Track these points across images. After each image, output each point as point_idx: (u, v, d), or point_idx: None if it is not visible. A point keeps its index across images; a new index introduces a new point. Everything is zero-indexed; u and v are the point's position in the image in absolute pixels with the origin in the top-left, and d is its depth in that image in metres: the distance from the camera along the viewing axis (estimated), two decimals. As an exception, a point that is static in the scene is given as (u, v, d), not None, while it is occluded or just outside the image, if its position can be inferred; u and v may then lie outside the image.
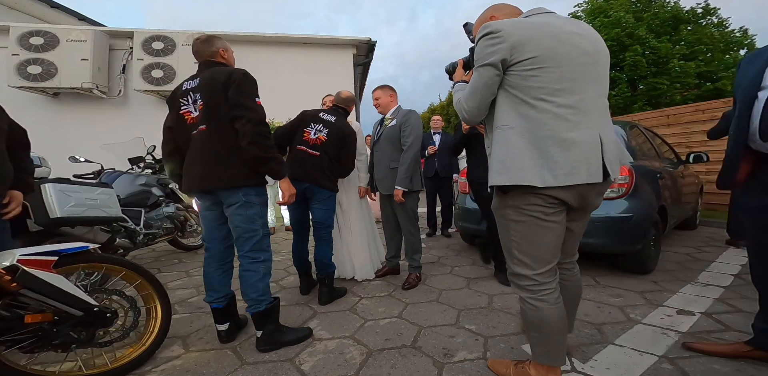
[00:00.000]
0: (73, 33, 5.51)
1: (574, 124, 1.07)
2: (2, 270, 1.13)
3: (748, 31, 10.80)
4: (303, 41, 6.56)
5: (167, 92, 5.67)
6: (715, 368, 1.43)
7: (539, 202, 1.13)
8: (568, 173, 1.06)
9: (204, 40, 1.75)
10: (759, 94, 1.26)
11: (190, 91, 1.66)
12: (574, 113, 1.08)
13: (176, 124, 1.72)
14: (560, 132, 1.07)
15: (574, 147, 1.06)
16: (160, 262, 3.53)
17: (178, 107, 1.70)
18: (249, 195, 1.65)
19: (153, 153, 3.80)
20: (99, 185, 2.57)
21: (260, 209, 1.71)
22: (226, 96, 1.57)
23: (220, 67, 1.68)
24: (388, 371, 1.48)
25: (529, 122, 1.09)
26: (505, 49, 1.07)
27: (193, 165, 1.65)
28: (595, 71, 1.12)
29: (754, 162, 1.35)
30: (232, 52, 1.84)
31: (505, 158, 1.11)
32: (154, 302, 1.65)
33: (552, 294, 1.21)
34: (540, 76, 1.07)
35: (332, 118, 2.38)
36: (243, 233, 1.67)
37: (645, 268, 2.64)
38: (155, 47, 5.64)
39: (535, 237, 1.17)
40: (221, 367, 1.56)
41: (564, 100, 1.08)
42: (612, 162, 1.12)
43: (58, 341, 1.25)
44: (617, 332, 1.77)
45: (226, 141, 1.59)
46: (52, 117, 5.65)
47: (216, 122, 1.59)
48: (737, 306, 2.05)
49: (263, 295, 1.68)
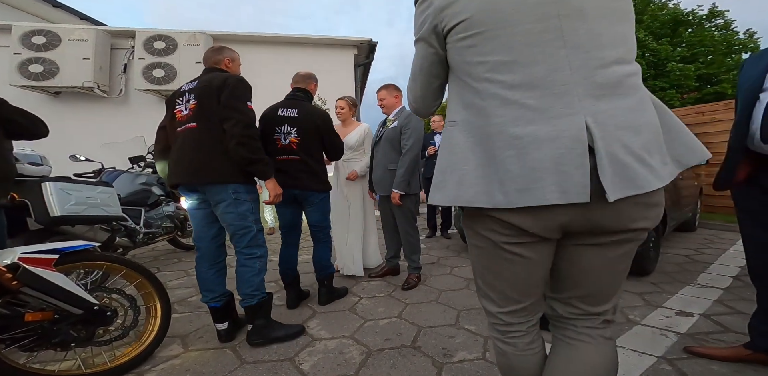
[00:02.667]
0: (74, 32, 5.52)
1: (535, 112, 0.69)
2: (3, 268, 1.14)
3: (753, 35, 10.79)
4: (304, 41, 6.57)
5: (168, 92, 5.68)
6: (713, 369, 1.44)
7: (494, 227, 0.78)
8: (522, 189, 0.68)
9: (215, 49, 1.86)
10: (761, 95, 1.27)
11: (186, 92, 1.73)
12: (535, 96, 0.69)
13: (168, 123, 1.79)
14: (511, 125, 0.70)
15: (533, 148, 0.68)
16: (160, 261, 3.53)
17: (173, 107, 1.76)
18: (238, 192, 1.67)
19: (153, 152, 3.80)
20: (99, 184, 2.57)
21: (251, 206, 1.74)
22: (219, 98, 1.63)
23: (219, 73, 1.76)
24: (388, 371, 1.48)
25: (474, 114, 0.76)
26: (432, 14, 0.79)
27: (180, 160, 1.67)
28: (575, 26, 0.69)
29: (754, 163, 1.35)
30: (239, 64, 1.92)
31: (446, 167, 0.80)
32: (153, 301, 1.65)
33: (522, 338, 0.89)
34: (478, 45, 0.73)
35: (294, 111, 2.12)
36: (237, 230, 1.71)
37: (644, 270, 2.65)
38: (157, 47, 5.64)
39: (497, 268, 0.84)
40: (221, 366, 1.56)
41: (516, 76, 0.70)
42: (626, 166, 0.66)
43: (57, 340, 1.25)
44: (616, 333, 1.77)
45: (216, 139, 1.63)
46: (54, 116, 5.61)
47: (207, 121, 1.64)
48: (736, 308, 2.05)
49: (257, 290, 1.73)
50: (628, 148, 0.66)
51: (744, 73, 1.39)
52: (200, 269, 1.79)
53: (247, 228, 1.72)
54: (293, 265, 2.27)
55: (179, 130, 1.71)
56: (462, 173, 0.76)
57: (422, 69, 0.88)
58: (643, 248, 2.56)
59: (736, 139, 1.35)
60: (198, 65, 5.59)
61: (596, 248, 0.77)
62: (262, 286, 1.76)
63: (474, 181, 0.74)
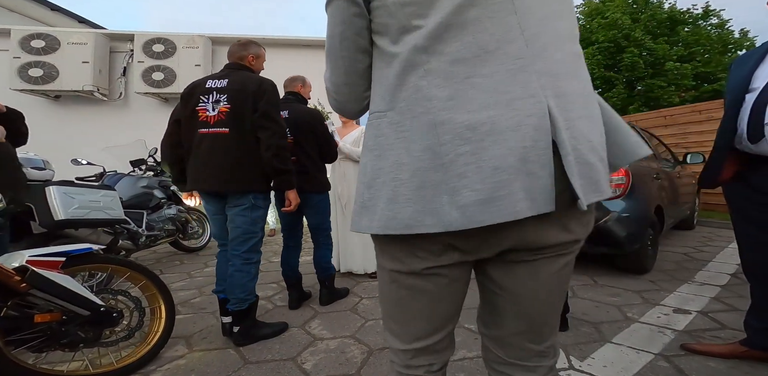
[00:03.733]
0: (74, 36, 5.54)
1: (489, 93, 0.52)
2: (12, 271, 1.16)
3: (748, 34, 10.86)
4: (303, 43, 6.59)
5: (168, 94, 5.69)
6: (710, 365, 1.46)
7: (421, 250, 0.60)
8: (485, 200, 0.50)
9: (243, 43, 1.86)
10: (746, 96, 1.29)
11: (214, 90, 1.68)
12: (486, 73, 0.52)
13: (186, 119, 1.74)
14: (461, 111, 0.52)
15: (491, 141, 0.50)
16: (162, 264, 3.55)
17: (195, 103, 1.70)
18: (257, 199, 1.74)
19: (154, 155, 3.82)
20: (102, 188, 2.59)
21: (263, 213, 1.80)
22: (255, 105, 1.65)
23: (249, 73, 1.77)
24: (389, 370, 1.51)
25: (409, 99, 0.55)
26: None
27: (207, 166, 1.67)
28: None
29: (741, 162, 1.38)
30: (263, 60, 1.92)
31: (373, 178, 0.58)
32: (158, 302, 1.67)
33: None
34: (416, 4, 0.54)
35: (284, 113, 2.07)
36: (243, 233, 1.74)
37: (643, 267, 2.67)
38: (156, 50, 5.66)
39: (398, 297, 0.66)
40: (224, 366, 1.58)
41: (462, 47, 0.53)
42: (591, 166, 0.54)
43: (66, 340, 1.27)
44: (615, 330, 1.80)
45: (247, 148, 1.66)
46: (54, 120, 5.66)
47: (240, 129, 1.65)
48: (733, 305, 2.08)
49: (249, 295, 1.76)
50: (590, 144, 0.54)
51: (731, 74, 1.42)
52: (221, 261, 1.90)
53: (254, 233, 1.76)
54: (295, 266, 2.28)
55: (203, 132, 1.67)
56: (395, 185, 0.55)
57: (343, 41, 0.63)
58: (642, 246, 2.59)
59: (722, 138, 1.38)
60: (197, 68, 5.61)
61: (528, 264, 0.62)
62: (254, 290, 1.80)
63: (411, 194, 0.53)
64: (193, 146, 1.71)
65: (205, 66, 5.73)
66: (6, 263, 1.18)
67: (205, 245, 4.15)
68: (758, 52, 1.33)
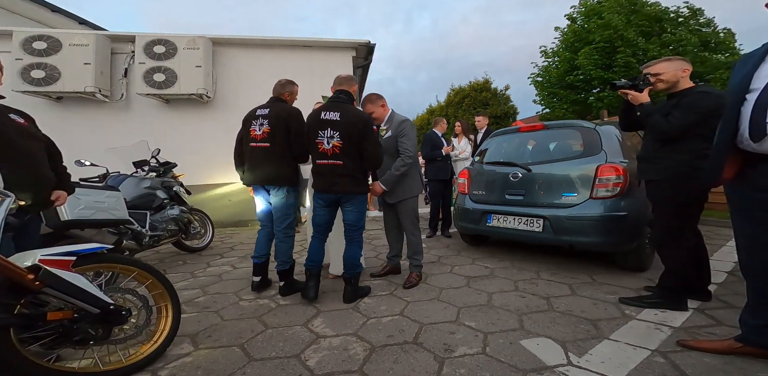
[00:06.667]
0: (75, 37, 5.56)
1: None
2: (25, 269, 1.19)
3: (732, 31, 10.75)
4: (303, 44, 6.61)
5: (169, 95, 5.72)
6: (705, 361, 1.49)
7: None
8: None
9: (282, 83, 2.59)
10: (747, 96, 1.32)
11: (260, 116, 2.43)
12: None
13: (245, 136, 2.51)
14: None
15: None
16: (165, 264, 3.58)
17: (248, 125, 2.48)
18: (291, 191, 2.49)
19: (157, 156, 3.85)
20: (107, 188, 2.63)
21: (295, 201, 2.56)
22: (287, 127, 2.39)
23: (284, 105, 2.52)
24: (391, 366, 1.54)
25: None
26: None
27: (255, 169, 2.46)
28: None
29: (742, 161, 1.40)
30: (296, 95, 2.66)
31: None
32: (165, 300, 1.71)
33: None
34: None
35: (336, 115, 2.20)
36: (282, 214, 2.49)
37: (641, 266, 2.71)
38: (157, 51, 5.68)
39: None
40: (230, 363, 1.61)
41: None
42: None
43: (77, 338, 1.31)
44: (612, 327, 1.83)
45: (281, 156, 2.41)
46: (56, 121, 5.68)
47: (276, 143, 2.39)
48: (729, 302, 2.11)
49: (289, 259, 2.50)
50: None
51: (733, 74, 1.45)
52: (260, 236, 2.62)
53: (289, 215, 2.51)
54: (321, 258, 2.42)
55: (253, 146, 2.43)
56: None
57: None
58: (639, 244, 2.62)
59: (723, 137, 1.40)
60: (198, 69, 5.64)
61: None
62: (292, 255, 2.53)
63: None
64: (247, 155, 2.48)
65: (206, 67, 5.76)
66: (19, 261, 1.21)
67: (207, 245, 4.18)
68: (758, 52, 1.35)
